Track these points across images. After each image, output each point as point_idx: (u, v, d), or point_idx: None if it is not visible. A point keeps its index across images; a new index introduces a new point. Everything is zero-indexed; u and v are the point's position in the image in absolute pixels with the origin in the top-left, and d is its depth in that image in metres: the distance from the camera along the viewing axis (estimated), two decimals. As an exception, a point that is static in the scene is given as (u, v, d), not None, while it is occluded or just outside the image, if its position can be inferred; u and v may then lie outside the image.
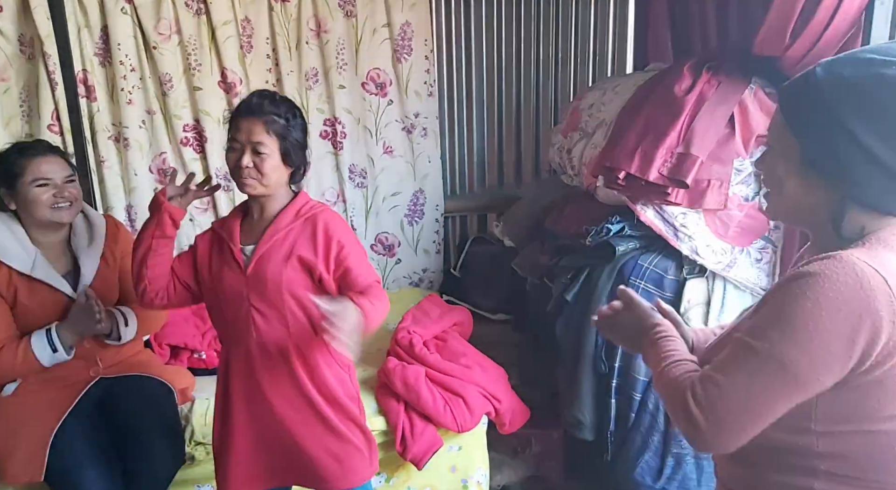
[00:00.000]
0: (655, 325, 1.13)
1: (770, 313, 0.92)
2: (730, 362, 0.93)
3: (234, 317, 1.60)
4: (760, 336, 0.91)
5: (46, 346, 1.83)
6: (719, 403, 0.91)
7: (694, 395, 0.93)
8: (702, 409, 0.92)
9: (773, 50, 1.86)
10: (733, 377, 0.91)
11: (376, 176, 3.16)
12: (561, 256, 2.33)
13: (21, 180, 1.84)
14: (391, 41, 3.01)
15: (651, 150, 1.95)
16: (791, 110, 0.97)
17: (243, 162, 1.51)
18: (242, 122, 1.53)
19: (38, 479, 1.80)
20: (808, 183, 0.96)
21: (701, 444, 0.95)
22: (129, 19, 2.69)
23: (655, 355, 1.07)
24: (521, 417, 2.27)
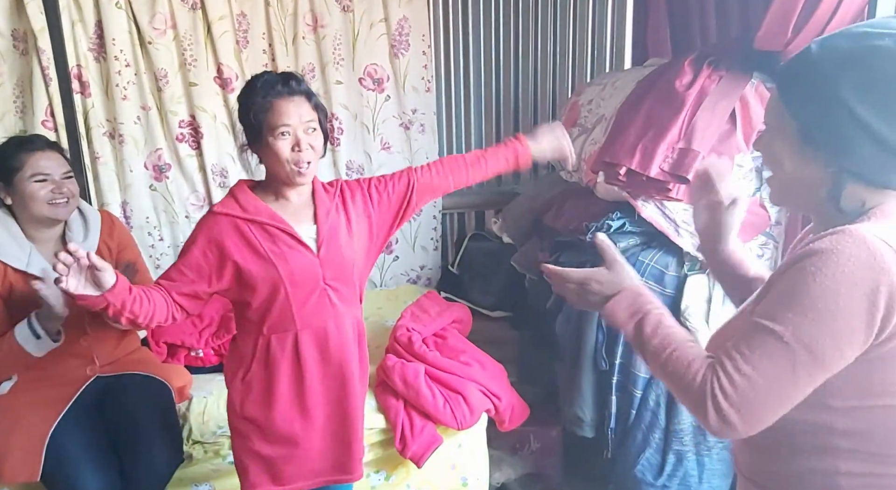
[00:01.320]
0: (641, 294, 1.07)
1: (786, 295, 0.90)
2: (753, 350, 0.91)
3: (305, 300, 1.56)
4: (781, 320, 0.89)
5: (29, 334, 1.77)
6: (751, 395, 0.90)
7: (722, 389, 0.90)
8: (732, 403, 0.90)
9: (774, 44, 1.85)
10: (760, 366, 0.90)
11: (374, 172, 3.14)
12: (560, 253, 2.33)
13: (19, 175, 1.82)
14: (388, 36, 2.99)
15: (652, 146, 1.94)
16: (787, 87, 0.97)
17: (303, 145, 1.47)
18: (287, 105, 1.46)
19: (34, 478, 1.79)
20: (806, 159, 0.95)
21: (728, 435, 0.93)
22: (124, 14, 2.67)
23: (650, 331, 1.01)
24: (521, 415, 2.26)
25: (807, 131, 0.94)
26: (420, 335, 2.34)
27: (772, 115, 1.00)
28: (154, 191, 2.90)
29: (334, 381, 1.62)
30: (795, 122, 0.94)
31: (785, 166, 0.98)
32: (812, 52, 0.93)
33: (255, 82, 1.50)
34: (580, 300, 1.13)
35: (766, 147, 1.02)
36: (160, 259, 2.95)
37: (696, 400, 0.92)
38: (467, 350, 2.35)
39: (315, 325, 1.58)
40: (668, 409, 2.02)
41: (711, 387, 0.91)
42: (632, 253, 2.07)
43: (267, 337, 1.58)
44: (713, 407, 0.90)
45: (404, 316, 2.50)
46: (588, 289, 1.10)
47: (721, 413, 0.90)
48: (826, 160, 0.94)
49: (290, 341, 1.58)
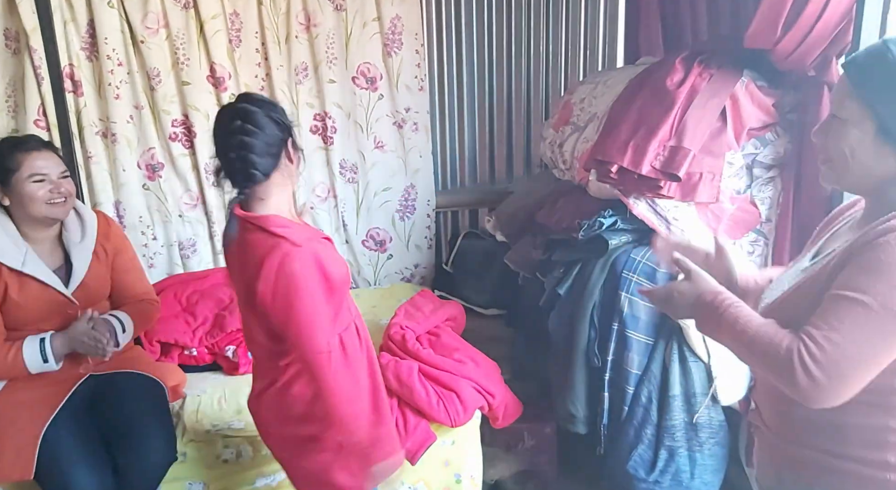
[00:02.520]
0: (718, 293, 1.13)
1: (869, 267, 0.97)
2: (842, 319, 0.97)
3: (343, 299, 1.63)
4: (866, 289, 0.96)
5: (38, 355, 1.82)
6: (841, 361, 0.96)
7: (811, 355, 0.96)
8: (822, 367, 0.96)
9: (764, 43, 1.86)
10: (849, 333, 0.96)
11: (367, 171, 3.15)
12: (553, 251, 2.33)
13: (16, 176, 1.82)
14: (381, 35, 2.99)
15: (643, 144, 1.95)
16: (866, 85, 1.02)
17: None
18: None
19: (27, 477, 1.79)
20: (882, 152, 1.02)
21: (819, 401, 0.98)
22: (116, 13, 2.66)
23: (732, 322, 1.07)
24: (515, 412, 2.27)
25: (886, 125, 1.01)
26: (414, 333, 2.35)
27: (843, 108, 1.05)
28: (147, 190, 2.89)
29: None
30: (874, 116, 1.01)
31: (858, 156, 1.04)
32: (893, 54, 0.99)
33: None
34: (670, 309, 1.23)
35: (833, 137, 1.07)
36: (153, 258, 2.94)
37: (784, 367, 0.98)
38: (461, 348, 2.36)
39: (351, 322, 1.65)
40: (659, 406, 2.03)
41: (800, 354, 0.97)
42: (624, 250, 2.08)
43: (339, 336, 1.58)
44: (803, 372, 0.96)
45: (398, 314, 2.51)
46: (672, 300, 1.20)
47: (811, 377, 0.96)
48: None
49: (353, 331, 1.65)
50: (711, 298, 1.13)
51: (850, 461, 1.07)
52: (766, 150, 1.99)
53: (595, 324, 2.10)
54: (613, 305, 2.05)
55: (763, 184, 2.02)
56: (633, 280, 2.01)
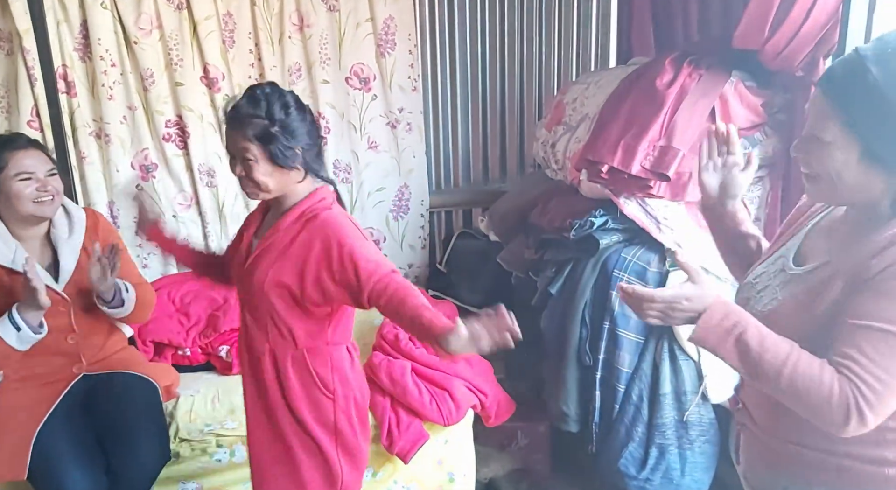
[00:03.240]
0: (729, 312, 1.05)
1: (892, 296, 0.97)
2: (882, 354, 0.97)
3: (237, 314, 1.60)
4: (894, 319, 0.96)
5: (9, 326, 1.77)
6: (888, 398, 0.97)
7: (864, 398, 0.97)
8: (874, 409, 0.97)
9: (752, 43, 1.88)
10: (892, 368, 0.97)
11: (361, 171, 3.15)
12: (545, 250, 2.34)
13: (3, 174, 1.82)
14: (375, 35, 3.00)
15: (633, 144, 1.97)
16: (848, 109, 1.00)
17: (236, 171, 1.46)
18: (228, 131, 1.47)
19: (20, 477, 1.79)
20: (868, 173, 1.01)
21: (859, 432, 0.99)
22: (109, 14, 2.66)
23: (759, 350, 1.02)
24: (507, 410, 2.28)
25: (873, 150, 0.99)
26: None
27: (826, 129, 1.02)
28: (140, 191, 2.89)
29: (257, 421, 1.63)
30: (859, 140, 1.00)
31: (844, 178, 1.03)
32: (874, 76, 0.96)
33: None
34: (664, 319, 1.10)
35: (817, 158, 1.05)
36: (147, 259, 2.95)
37: (836, 411, 0.98)
38: (454, 347, 2.36)
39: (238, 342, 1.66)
40: (650, 404, 2.04)
41: (855, 398, 0.97)
42: (615, 249, 2.09)
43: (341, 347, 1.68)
44: (857, 415, 0.97)
45: (391, 313, 2.51)
46: (676, 307, 1.08)
47: (863, 419, 0.97)
48: (890, 172, 1.00)
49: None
50: (723, 315, 1.05)
51: (849, 458, 1.08)
52: (755, 149, 2.00)
53: (586, 323, 2.11)
54: (605, 304, 2.07)
55: (752, 184, 2.02)
56: (623, 279, 2.02)
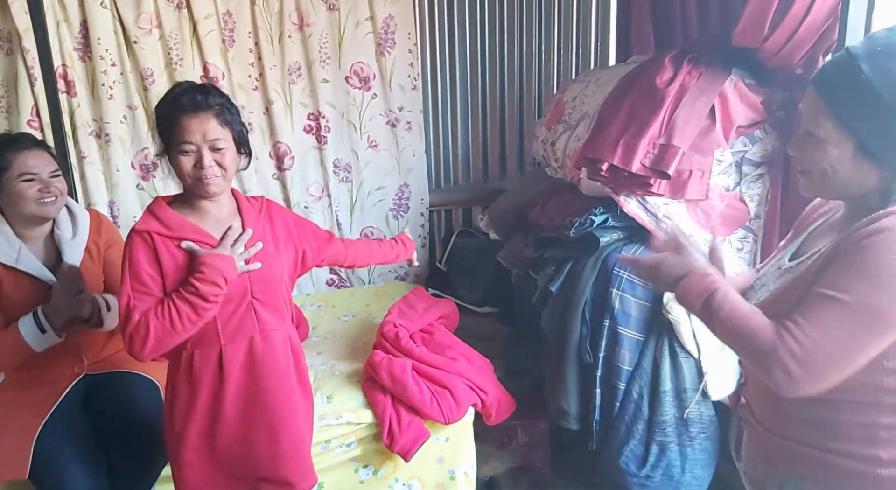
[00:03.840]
0: (707, 274, 1.14)
1: (849, 267, 0.99)
2: (821, 317, 1.00)
3: (232, 315, 1.55)
4: (845, 288, 0.98)
5: (34, 327, 1.80)
6: (818, 355, 0.98)
7: (790, 351, 0.99)
8: (799, 362, 0.98)
9: (751, 41, 1.88)
10: (826, 330, 0.99)
11: (361, 170, 3.16)
12: (545, 248, 2.35)
13: (7, 175, 1.83)
14: (374, 34, 3.01)
15: (633, 142, 1.97)
16: (842, 106, 1.03)
17: (206, 163, 1.44)
18: (191, 122, 1.43)
19: (22, 476, 1.79)
20: (862, 168, 1.04)
21: (792, 392, 1.01)
22: (109, 13, 2.67)
23: (718, 306, 1.08)
24: (508, 409, 2.28)
25: (865, 145, 1.02)
26: (407, 331, 2.36)
27: (821, 126, 1.05)
28: (141, 190, 2.90)
29: (262, 395, 1.60)
30: (853, 136, 1.02)
31: (838, 173, 1.05)
32: (866, 74, 0.99)
33: (168, 94, 1.49)
34: (654, 281, 1.23)
35: (811, 154, 1.08)
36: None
37: (764, 360, 1.01)
38: (454, 345, 2.37)
39: (240, 339, 1.57)
40: (651, 401, 2.04)
41: (780, 349, 0.99)
42: (615, 247, 2.10)
43: (190, 351, 1.56)
44: (780, 366, 0.99)
45: (392, 312, 2.52)
46: (659, 272, 1.19)
47: (788, 372, 0.99)
48: (883, 167, 1.02)
49: (213, 356, 1.56)
50: (700, 278, 1.13)
51: (842, 456, 1.09)
52: (755, 147, 2.00)
53: (587, 321, 2.12)
54: (605, 302, 2.07)
55: (752, 181, 2.03)
56: (624, 277, 2.03)
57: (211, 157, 1.46)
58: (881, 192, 1.04)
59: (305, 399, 1.71)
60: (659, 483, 2.07)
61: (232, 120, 1.50)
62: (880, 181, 1.04)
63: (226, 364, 1.56)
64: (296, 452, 1.66)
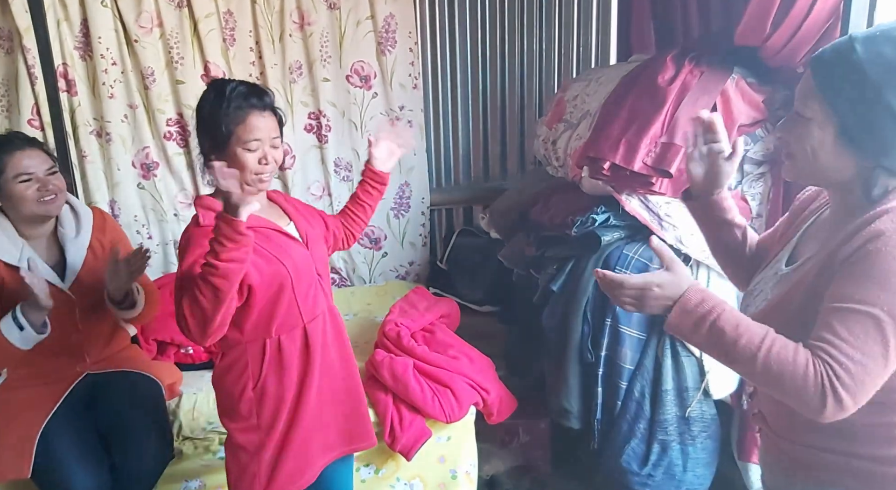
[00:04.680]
0: (704, 297, 1.04)
1: (866, 277, 0.97)
2: (856, 335, 0.96)
3: (306, 293, 1.58)
4: (872, 301, 0.96)
5: (12, 325, 1.77)
6: (865, 378, 0.96)
7: (839, 379, 0.95)
8: (850, 390, 0.95)
9: (753, 40, 1.89)
10: (867, 349, 0.96)
11: (361, 168, 3.16)
12: (546, 247, 2.35)
13: (3, 177, 1.82)
14: (375, 33, 3.01)
15: (635, 140, 1.97)
16: (830, 86, 1.02)
17: (269, 159, 1.52)
18: (259, 120, 1.49)
19: (24, 475, 1.80)
20: (843, 154, 1.02)
21: (840, 417, 0.98)
22: (110, 12, 2.67)
23: (733, 334, 1.00)
24: (509, 408, 2.29)
25: (847, 128, 1.00)
26: (409, 330, 2.37)
27: (808, 106, 1.05)
28: (142, 189, 2.90)
29: (338, 365, 1.69)
30: (836, 117, 1.01)
31: (819, 156, 1.04)
32: (858, 55, 0.98)
33: (223, 90, 1.50)
34: (639, 306, 1.09)
35: (796, 135, 1.07)
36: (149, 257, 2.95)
37: (812, 394, 0.96)
38: (455, 344, 2.38)
39: (316, 316, 1.62)
40: (652, 400, 2.05)
41: (830, 379, 0.95)
42: (616, 246, 2.10)
43: (276, 338, 1.55)
44: (832, 397, 0.95)
45: (393, 311, 2.52)
46: (649, 294, 1.07)
47: (840, 402, 0.96)
48: (863, 155, 1.01)
49: (299, 336, 1.58)
50: (698, 301, 1.04)
51: (863, 459, 1.08)
52: (757, 146, 2.01)
53: (588, 319, 2.12)
54: (606, 301, 2.07)
55: (753, 180, 2.04)
56: (625, 276, 2.03)
57: (272, 154, 1.53)
58: (862, 182, 1.03)
59: (356, 364, 1.80)
60: (660, 482, 2.07)
61: (282, 122, 1.60)
62: (859, 170, 1.02)
63: (311, 341, 1.59)
64: (364, 411, 1.76)
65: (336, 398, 1.69)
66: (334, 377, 1.68)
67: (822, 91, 1.02)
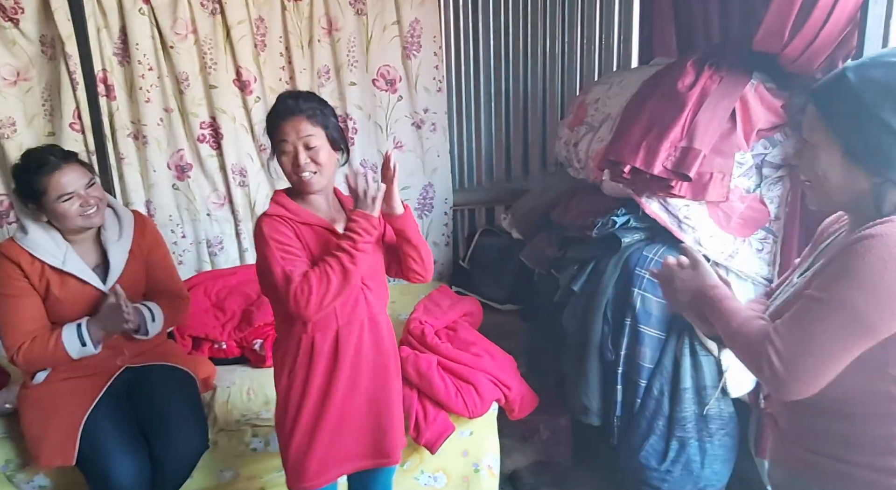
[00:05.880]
0: (715, 286, 1.23)
1: (836, 271, 1.05)
2: (802, 315, 1.06)
3: (347, 299, 1.64)
4: (830, 290, 1.04)
5: (76, 339, 1.89)
6: (798, 353, 1.04)
7: (774, 349, 1.06)
8: (782, 359, 1.05)
9: (772, 47, 1.91)
10: (807, 327, 1.04)
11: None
12: (568, 248, 2.39)
13: (45, 197, 1.87)
14: (401, 38, 3.07)
15: (655, 144, 2.00)
16: (830, 112, 1.09)
17: (301, 160, 1.57)
18: (286, 125, 1.58)
19: (69, 463, 1.88)
20: (851, 173, 1.08)
21: (782, 392, 1.07)
22: (147, 20, 2.75)
23: (723, 314, 1.18)
24: (530, 404, 2.33)
25: (852, 150, 1.07)
26: (432, 327, 2.41)
27: (814, 133, 1.12)
28: (176, 190, 2.99)
29: (370, 376, 1.71)
30: (839, 140, 1.07)
31: (830, 179, 1.11)
32: (851, 82, 1.05)
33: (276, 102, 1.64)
34: (670, 294, 1.32)
35: (809, 162, 1.14)
36: (182, 255, 3.05)
37: (753, 358, 1.08)
38: (478, 342, 2.42)
39: (353, 322, 1.67)
40: (671, 398, 2.08)
41: (766, 347, 1.06)
42: (636, 248, 2.14)
43: (311, 335, 1.64)
44: (767, 364, 1.05)
45: (417, 309, 2.58)
46: (672, 284, 1.29)
47: (773, 369, 1.05)
48: (870, 173, 1.07)
49: (330, 337, 1.65)
50: (709, 291, 1.23)
51: (861, 467, 1.12)
52: (775, 150, 2.03)
53: (608, 319, 2.16)
54: (626, 301, 2.11)
55: (772, 183, 2.06)
56: (645, 277, 2.07)
57: (306, 155, 1.58)
58: (875, 198, 1.08)
59: (398, 379, 1.81)
60: (678, 478, 2.11)
61: (325, 121, 1.62)
62: (871, 187, 1.08)
63: (341, 344, 1.65)
64: (394, 428, 1.76)
65: (362, 410, 1.71)
66: (364, 387, 1.70)
67: (824, 117, 1.09)
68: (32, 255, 1.91)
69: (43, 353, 1.90)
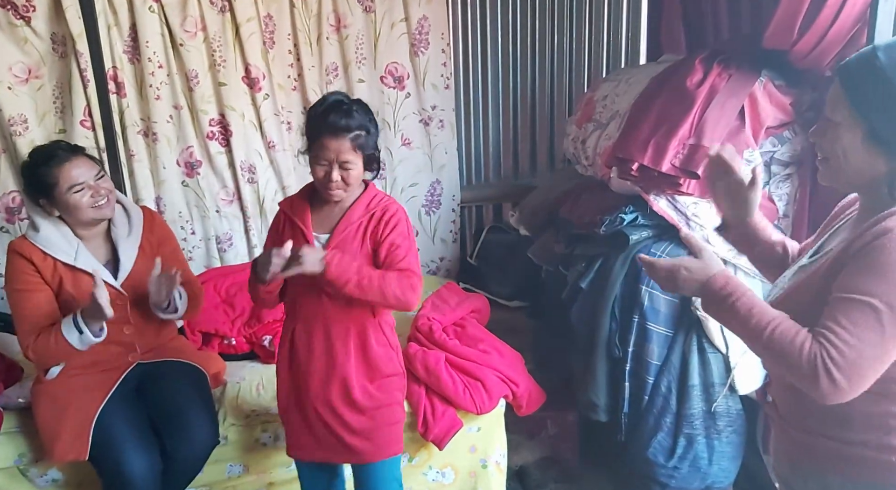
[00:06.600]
0: (728, 279, 1.17)
1: (870, 269, 1.04)
2: (855, 323, 1.04)
3: (307, 298, 1.72)
4: (872, 292, 1.03)
5: (73, 328, 1.88)
6: (860, 363, 1.03)
7: (832, 359, 1.03)
8: (843, 371, 1.03)
9: (781, 44, 1.91)
10: (863, 336, 1.03)
11: (394, 167, 3.24)
12: (575, 245, 2.39)
13: (57, 190, 1.89)
14: (409, 35, 3.08)
15: (663, 142, 2.01)
16: (857, 92, 1.08)
17: (333, 177, 1.62)
18: (330, 142, 1.59)
19: (82, 457, 1.90)
20: (870, 155, 1.08)
21: (838, 399, 1.06)
22: (157, 18, 2.77)
23: (746, 314, 1.12)
24: (538, 400, 2.33)
25: (876, 131, 1.07)
26: (440, 324, 2.42)
27: (837, 111, 1.12)
28: (186, 187, 3.01)
29: (321, 380, 1.76)
30: (863, 121, 1.07)
31: (849, 159, 1.11)
32: (882, 63, 1.05)
33: (318, 105, 1.66)
34: (672, 286, 1.25)
35: (828, 139, 1.14)
36: (192, 252, 3.07)
37: (806, 372, 1.05)
38: (486, 338, 2.42)
39: (315, 320, 1.74)
40: (679, 395, 2.09)
41: (822, 359, 1.04)
42: (644, 245, 2.14)
43: (290, 327, 1.80)
44: (826, 376, 1.03)
45: (425, 306, 2.58)
46: (679, 275, 1.23)
47: (834, 381, 1.03)
48: (890, 156, 1.07)
49: (289, 325, 1.80)
50: (722, 284, 1.17)
51: (858, 446, 1.14)
52: (784, 147, 2.03)
53: (616, 316, 2.16)
54: (634, 298, 2.11)
55: (780, 180, 2.06)
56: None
57: (339, 174, 1.62)
58: (890, 182, 1.08)
59: (372, 383, 1.79)
60: (686, 474, 2.12)
61: (366, 145, 1.64)
62: (888, 170, 1.08)
63: (295, 342, 1.78)
64: (358, 429, 1.78)
65: (319, 410, 1.76)
66: (318, 390, 1.76)
67: (849, 97, 1.08)
68: (44, 252, 1.93)
69: (47, 345, 1.91)
